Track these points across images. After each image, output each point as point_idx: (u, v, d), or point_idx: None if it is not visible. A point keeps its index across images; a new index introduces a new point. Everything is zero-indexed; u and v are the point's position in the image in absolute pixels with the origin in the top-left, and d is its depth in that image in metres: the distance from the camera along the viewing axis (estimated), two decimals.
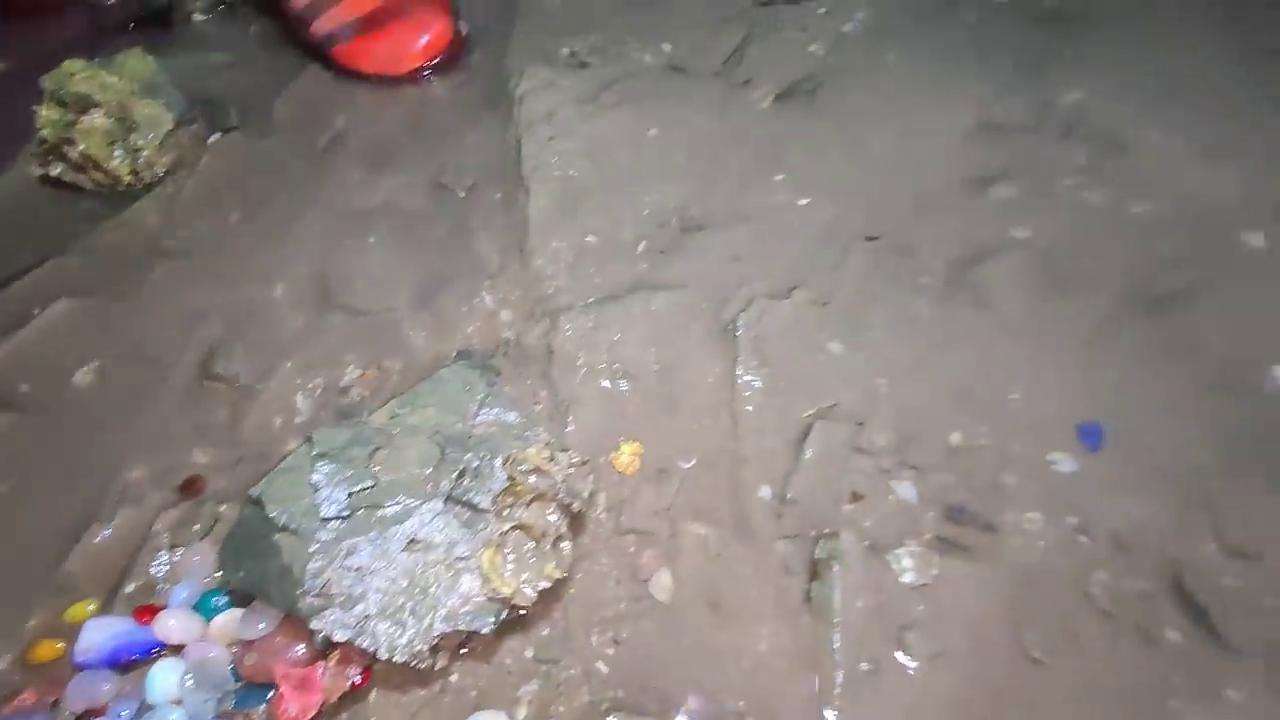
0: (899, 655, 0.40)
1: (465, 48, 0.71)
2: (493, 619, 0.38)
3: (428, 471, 0.40)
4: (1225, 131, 0.62)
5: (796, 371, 0.50)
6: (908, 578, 0.41)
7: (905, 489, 0.46)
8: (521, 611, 0.39)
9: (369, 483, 0.38)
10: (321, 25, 0.69)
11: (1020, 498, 0.45)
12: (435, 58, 0.69)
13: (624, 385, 0.50)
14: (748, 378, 0.49)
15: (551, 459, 0.42)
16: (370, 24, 0.68)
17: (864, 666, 0.39)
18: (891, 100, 0.66)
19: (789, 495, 0.45)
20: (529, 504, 0.40)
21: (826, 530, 0.43)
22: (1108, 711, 0.39)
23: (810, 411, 0.48)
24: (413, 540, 0.38)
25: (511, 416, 0.44)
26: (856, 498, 0.45)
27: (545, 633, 0.42)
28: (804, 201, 0.59)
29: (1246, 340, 0.51)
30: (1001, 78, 0.67)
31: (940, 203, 0.59)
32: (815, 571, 0.41)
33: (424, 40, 0.67)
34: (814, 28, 0.72)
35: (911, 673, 0.39)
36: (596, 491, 0.45)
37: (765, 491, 0.46)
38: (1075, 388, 0.49)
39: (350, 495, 0.38)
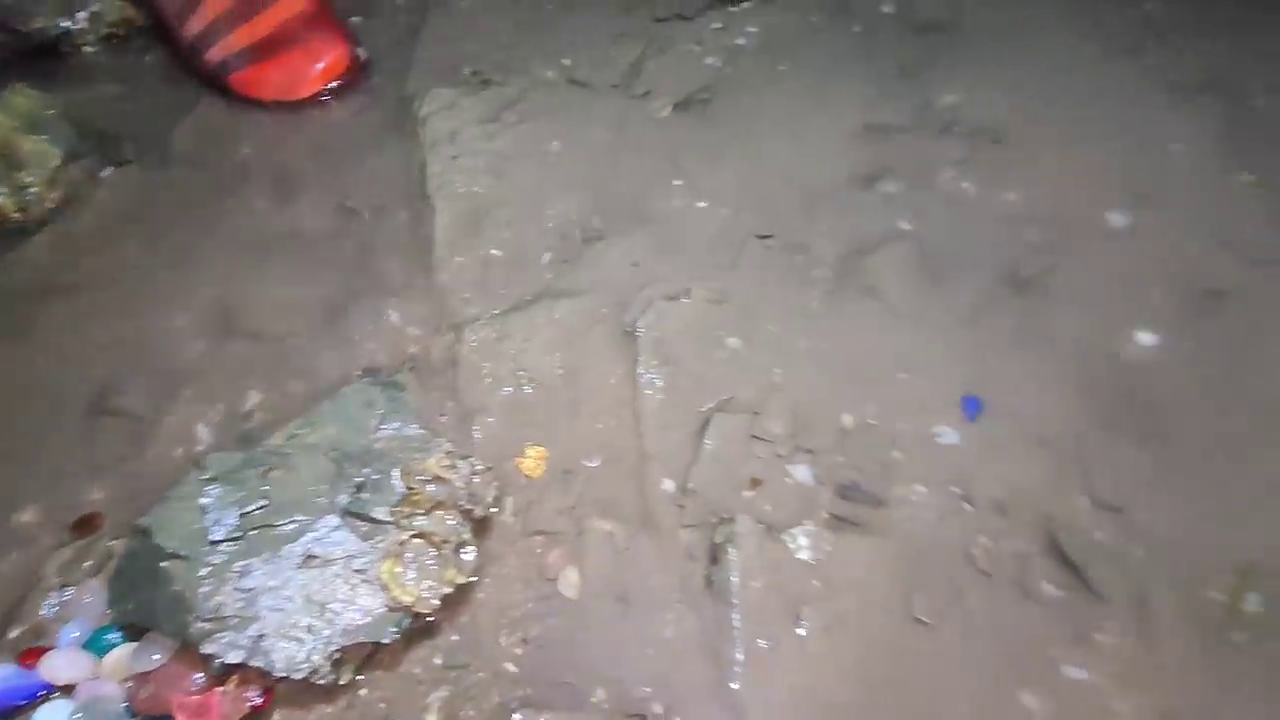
0: (796, 629, 0.41)
1: (364, 72, 0.72)
2: (395, 629, 0.38)
3: (324, 487, 0.40)
4: (1087, 123, 0.67)
5: (696, 368, 0.52)
6: (803, 555, 0.43)
7: (801, 472, 0.48)
8: (428, 619, 0.40)
9: (261, 503, 0.38)
10: (215, 54, 0.68)
11: (907, 472, 0.48)
12: (333, 82, 0.69)
13: (529, 391, 0.51)
14: (648, 376, 0.51)
15: (452, 467, 0.42)
16: (264, 51, 0.68)
17: (762, 643, 0.40)
18: (783, 107, 0.69)
19: (690, 486, 0.47)
20: (429, 512, 0.41)
21: (725, 516, 0.44)
22: (991, 664, 0.41)
23: (710, 405, 0.50)
24: (309, 556, 0.38)
25: (413, 429, 0.45)
26: (755, 483, 0.47)
27: (454, 638, 0.42)
28: (701, 205, 0.61)
29: (1109, 310, 0.55)
30: (885, 82, 0.71)
31: (830, 200, 0.63)
32: (714, 556, 0.43)
33: (320, 66, 0.68)
34: (709, 41, 0.75)
35: (808, 645, 0.41)
36: (502, 496, 0.46)
37: (668, 484, 0.47)
38: (956, 365, 0.53)
39: (242, 516, 0.37)
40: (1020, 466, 0.48)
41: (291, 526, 0.38)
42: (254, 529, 0.37)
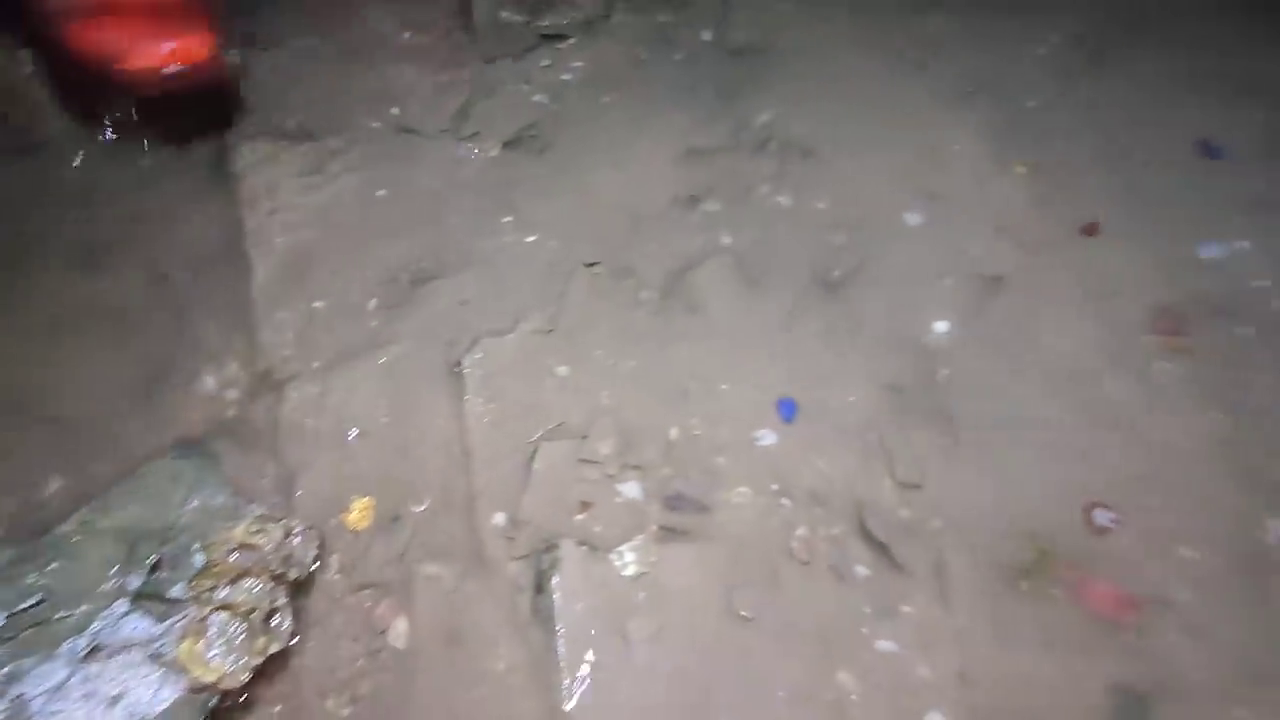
0: (624, 643, 0.43)
1: (228, 81, 0.66)
2: (199, 712, 0.37)
3: (113, 572, 0.38)
4: (884, 133, 0.73)
5: (524, 399, 0.53)
6: (629, 570, 0.44)
7: (630, 489, 0.49)
8: (240, 695, 0.39)
9: (36, 599, 0.36)
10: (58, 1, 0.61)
11: (731, 476, 0.50)
12: (177, 67, 0.61)
13: (354, 443, 0.50)
14: (477, 413, 0.51)
15: (261, 532, 0.41)
16: (117, 8, 0.60)
17: (591, 662, 0.41)
18: (609, 137, 0.72)
19: (521, 517, 0.47)
20: (233, 582, 0.39)
21: (552, 543, 0.45)
22: (809, 648, 0.44)
23: (538, 434, 0.51)
24: (94, 649, 0.36)
25: (221, 499, 0.43)
26: (585, 506, 0.48)
27: (275, 709, 0.41)
28: (531, 239, 0.63)
29: (909, 304, 0.60)
30: (704, 107, 0.75)
31: (655, 224, 0.65)
32: (539, 585, 0.43)
33: (172, 44, 0.60)
34: (537, 79, 0.78)
35: (635, 656, 0.42)
36: (326, 553, 0.45)
37: (499, 518, 0.48)
38: (773, 370, 0.56)
39: (10, 616, 0.35)
40: (833, 458, 0.51)
41: (73, 619, 0.36)
42: (27, 628, 0.35)
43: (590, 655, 0.41)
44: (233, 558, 0.39)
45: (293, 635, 0.40)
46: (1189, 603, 0.45)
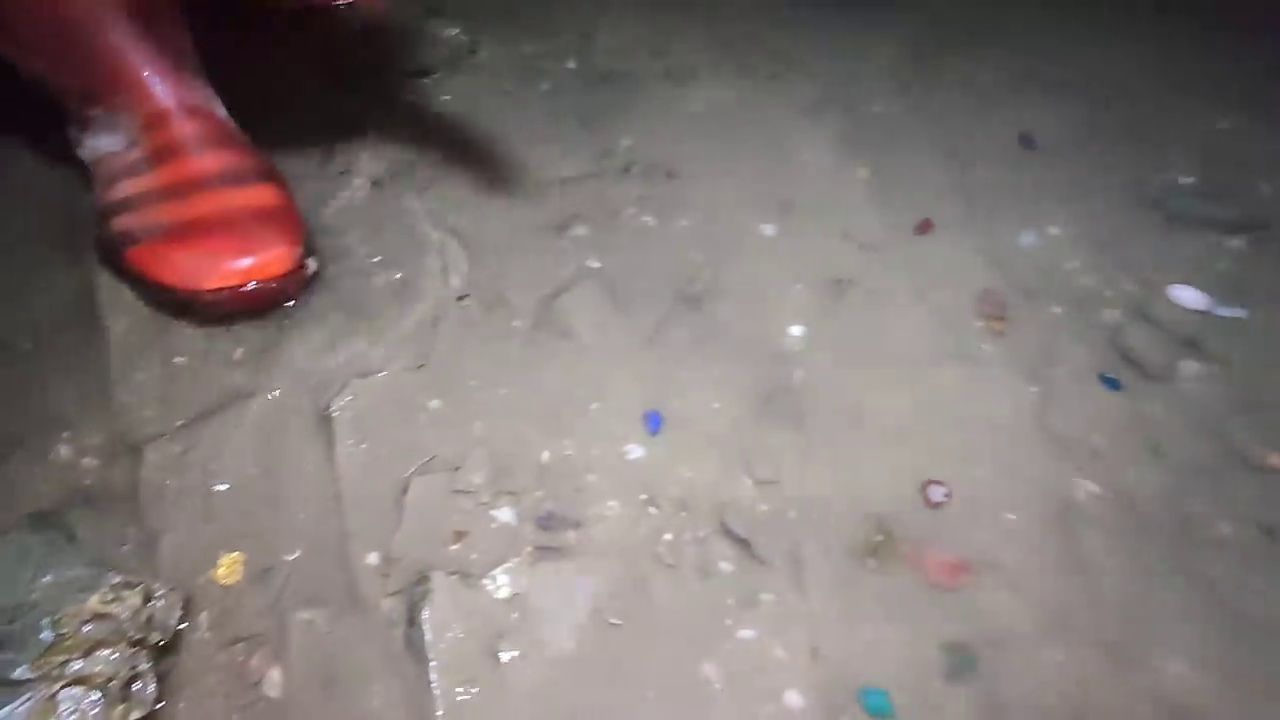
0: (495, 667, 0.44)
1: (306, 286, 0.59)
2: None
3: None
4: (740, 148, 0.77)
5: (395, 436, 0.54)
6: (502, 593, 0.46)
7: (504, 514, 0.51)
8: None
9: None
10: (122, 223, 0.56)
11: (601, 491, 0.53)
12: (258, 283, 0.55)
13: (221, 499, 0.50)
14: (347, 455, 0.52)
15: (117, 599, 0.41)
16: (187, 230, 0.54)
17: (462, 689, 0.43)
18: (478, 172, 0.74)
19: (394, 554, 0.48)
20: (87, 654, 0.39)
21: (424, 576, 0.46)
22: (675, 646, 0.46)
23: (410, 470, 0.52)
24: None
25: (76, 570, 0.43)
26: (460, 535, 0.50)
27: None
28: (398, 277, 0.64)
29: (766, 312, 0.64)
30: (570, 135, 0.78)
31: (525, 253, 0.68)
32: (410, 618, 0.45)
33: (249, 262, 0.54)
34: (403, 116, 0.79)
35: (508, 679, 0.44)
36: (193, 613, 0.45)
37: (372, 557, 0.49)
38: (641, 385, 0.59)
39: None
40: (697, 465, 0.55)
41: None
42: None
43: (464, 683, 0.43)
44: (86, 629, 0.38)
45: (157, 699, 0.40)
46: (1011, 562, 0.50)
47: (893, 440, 0.56)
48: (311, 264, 0.61)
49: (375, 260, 0.66)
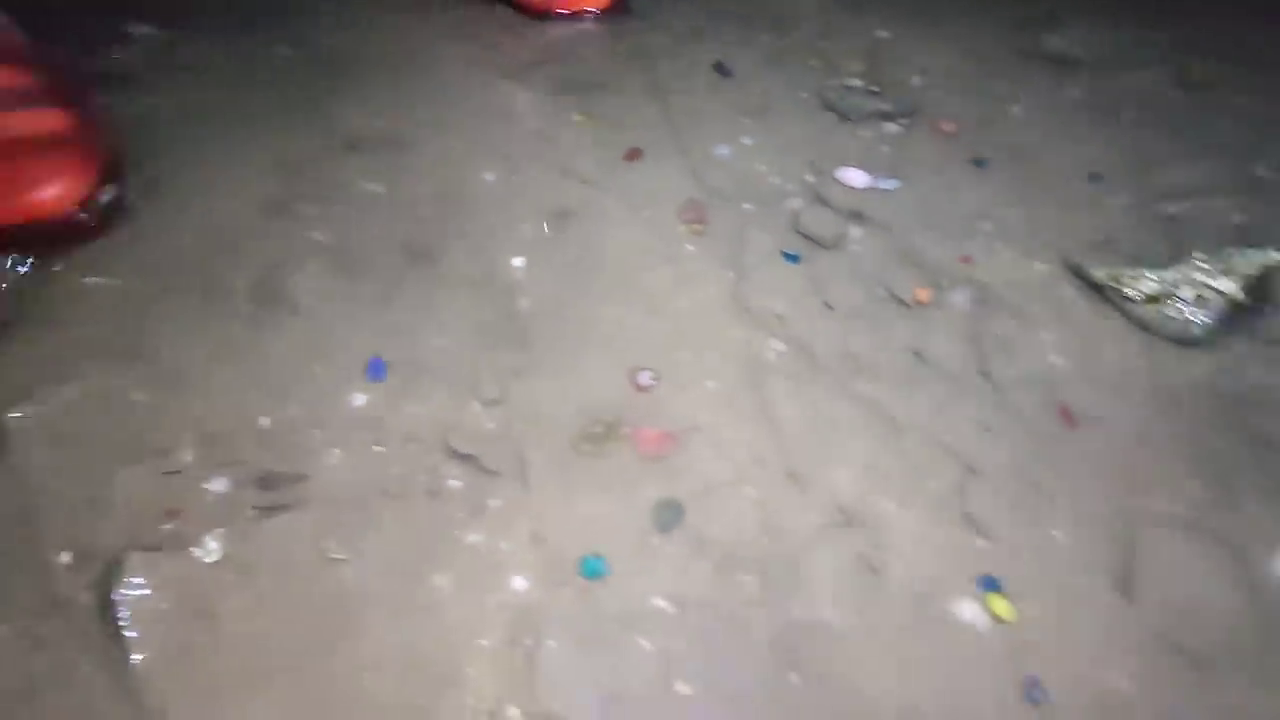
0: (208, 627, 0.44)
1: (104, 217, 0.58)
2: None
3: None
4: (463, 112, 0.79)
5: (101, 435, 0.52)
6: (212, 558, 0.46)
7: (219, 484, 0.50)
8: None
9: None
10: None
11: (325, 442, 0.53)
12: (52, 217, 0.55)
13: None
14: (40, 465, 0.49)
15: None
16: None
17: (171, 658, 0.42)
18: (202, 167, 0.71)
19: (91, 549, 0.47)
20: None
21: (117, 561, 0.45)
22: (403, 564, 0.48)
23: (114, 464, 0.50)
24: None
25: None
26: (173, 514, 0.49)
27: None
28: (115, 283, 0.61)
29: (490, 250, 0.66)
30: (296, 119, 0.77)
31: (249, 238, 0.66)
32: (103, 604, 0.43)
33: (46, 193, 0.55)
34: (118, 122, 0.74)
35: (222, 635, 0.44)
36: None
37: (65, 556, 0.46)
38: (368, 341, 0.59)
39: None
40: (423, 400, 0.56)
41: None
42: None
43: (172, 647, 0.42)
44: None
45: None
46: (712, 422, 0.55)
47: (609, 342, 0.60)
48: (110, 191, 0.59)
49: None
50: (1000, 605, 0.47)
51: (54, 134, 0.56)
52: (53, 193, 0.55)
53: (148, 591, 0.44)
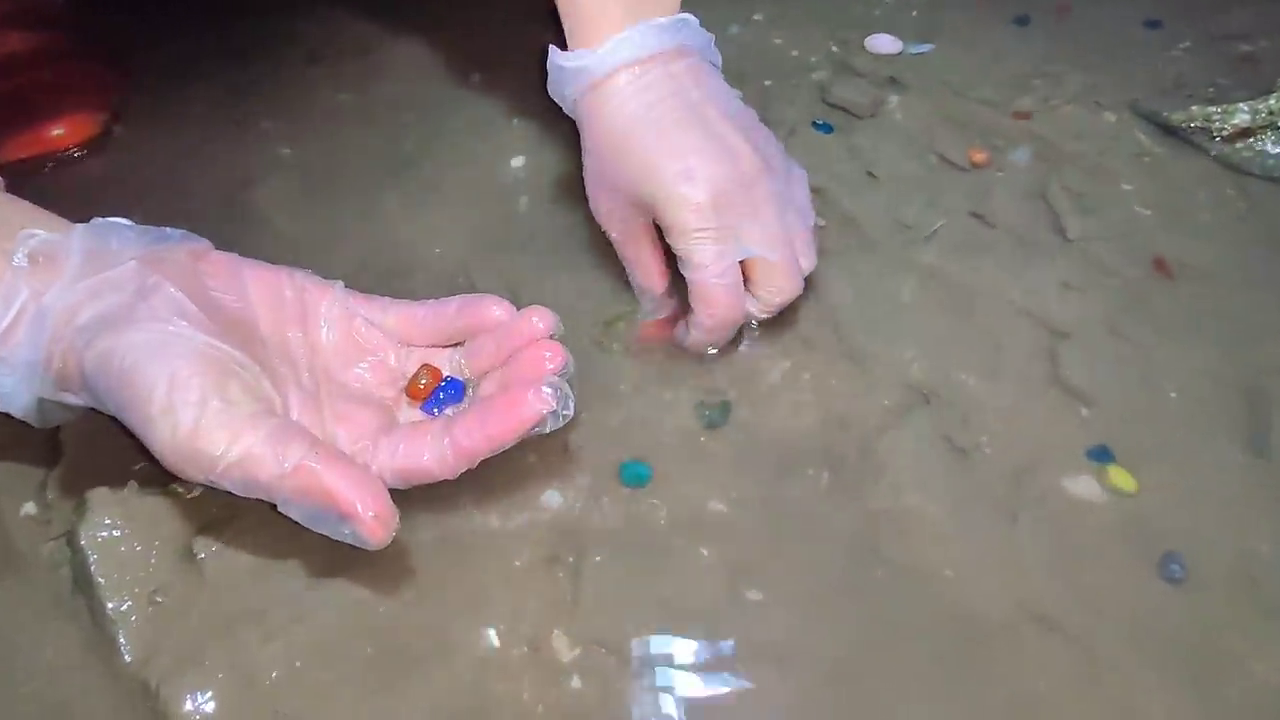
0: (190, 568, 0.37)
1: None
2: None
3: None
4: (441, 18, 0.70)
5: None
6: (197, 490, 0.40)
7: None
8: None
9: None
10: None
11: None
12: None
13: None
14: None
15: None
16: None
17: (150, 605, 0.36)
18: (169, 94, 0.64)
19: (57, 498, 0.40)
20: None
21: (84, 499, 0.39)
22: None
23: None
24: None
25: None
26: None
27: None
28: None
29: (482, 151, 0.59)
30: (242, 39, 0.69)
31: (209, 162, 0.59)
32: (72, 548, 0.37)
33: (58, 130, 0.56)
34: None
35: (208, 575, 0.37)
36: None
37: (28, 507, 0.40)
38: (346, 257, 0.52)
39: None
40: None
41: None
42: None
43: (150, 592, 0.36)
44: None
45: None
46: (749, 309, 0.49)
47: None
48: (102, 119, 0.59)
49: None
50: (1119, 476, 0.39)
51: (74, 84, 0.59)
52: (69, 130, 0.58)
53: (119, 532, 0.37)
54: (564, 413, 0.37)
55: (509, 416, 0.36)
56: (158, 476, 0.40)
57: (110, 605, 0.35)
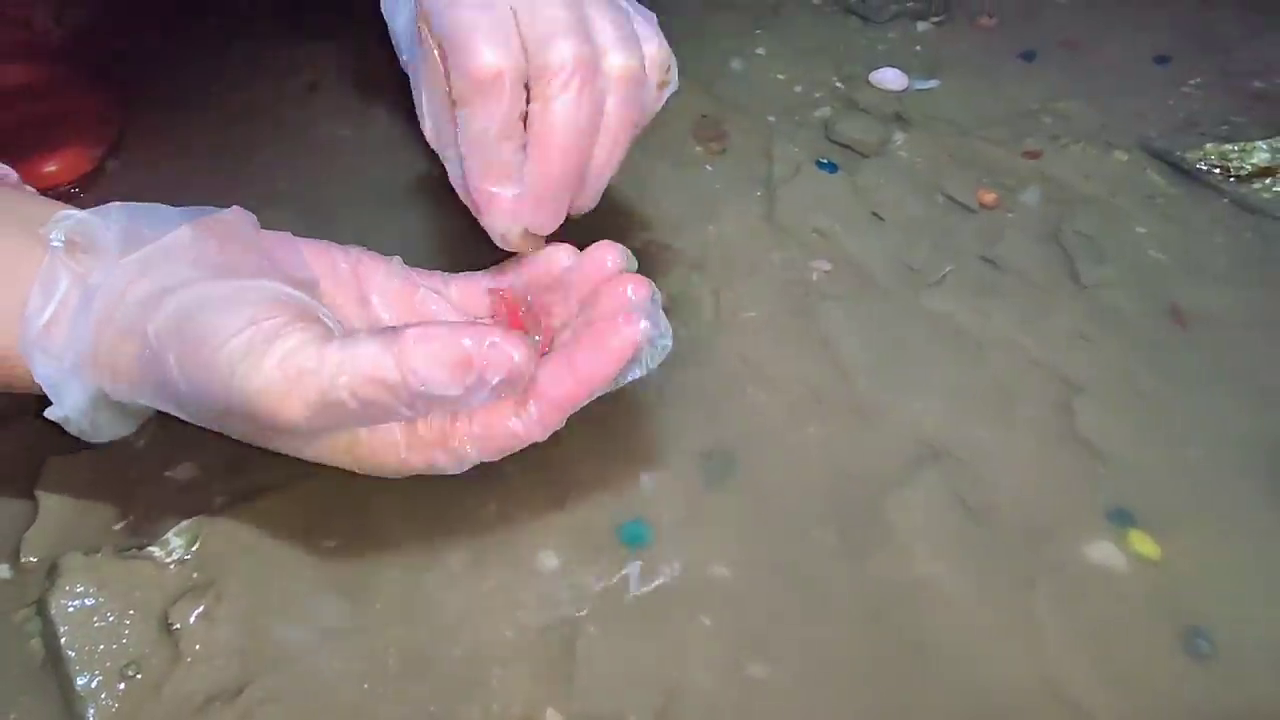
0: (167, 639, 0.36)
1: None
2: None
3: None
4: None
5: None
6: (176, 554, 0.37)
7: (184, 470, 0.43)
8: None
9: None
10: None
11: None
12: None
13: None
14: None
15: None
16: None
17: (123, 680, 0.34)
18: (165, 125, 0.63)
19: (30, 560, 0.38)
20: None
21: (55, 564, 0.37)
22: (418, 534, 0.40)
23: (45, 456, 0.42)
24: None
25: None
26: (125, 514, 0.41)
27: None
28: None
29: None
30: (242, 61, 0.69)
31: (201, 193, 0.58)
32: (43, 617, 0.35)
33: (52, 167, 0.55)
34: None
35: (184, 645, 0.36)
36: None
37: (3, 570, 0.39)
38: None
39: None
40: None
41: None
42: None
43: (125, 665, 0.34)
44: None
45: None
46: (757, 356, 0.47)
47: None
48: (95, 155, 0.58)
49: None
50: (1141, 541, 0.38)
51: (71, 118, 0.58)
52: (63, 166, 0.57)
53: (91, 601, 0.36)
54: (663, 342, 0.32)
55: (600, 352, 0.31)
56: (135, 539, 0.39)
57: (80, 682, 0.33)
